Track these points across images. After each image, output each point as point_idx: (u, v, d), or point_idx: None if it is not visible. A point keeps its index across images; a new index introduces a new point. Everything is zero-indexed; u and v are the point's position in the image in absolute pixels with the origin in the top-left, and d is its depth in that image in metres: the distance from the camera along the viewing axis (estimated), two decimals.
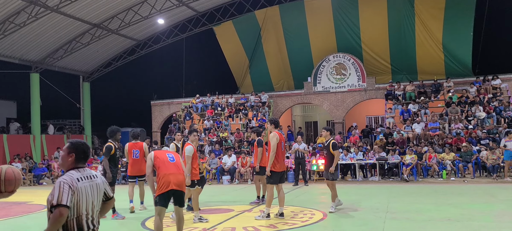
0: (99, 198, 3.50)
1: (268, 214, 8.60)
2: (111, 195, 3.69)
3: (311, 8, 24.80)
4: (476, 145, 16.80)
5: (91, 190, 3.40)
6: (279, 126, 8.98)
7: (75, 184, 3.29)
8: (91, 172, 3.52)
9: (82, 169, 3.45)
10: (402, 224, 7.96)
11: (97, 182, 3.49)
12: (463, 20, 22.34)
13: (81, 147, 3.48)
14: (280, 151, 8.60)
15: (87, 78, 29.24)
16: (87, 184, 3.39)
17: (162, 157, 6.37)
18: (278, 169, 8.57)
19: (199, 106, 25.20)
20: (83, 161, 3.48)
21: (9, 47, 22.82)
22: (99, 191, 3.49)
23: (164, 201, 6.18)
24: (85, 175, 3.42)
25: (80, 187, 3.32)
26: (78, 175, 3.37)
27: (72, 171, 3.38)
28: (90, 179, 3.43)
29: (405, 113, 20.41)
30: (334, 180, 9.55)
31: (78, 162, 3.44)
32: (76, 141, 3.53)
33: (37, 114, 25.13)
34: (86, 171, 3.46)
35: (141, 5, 23.10)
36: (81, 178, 3.36)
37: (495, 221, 7.90)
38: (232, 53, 27.55)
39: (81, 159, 3.46)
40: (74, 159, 3.42)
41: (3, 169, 3.39)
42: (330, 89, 24.18)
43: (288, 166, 17.02)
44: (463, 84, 21.36)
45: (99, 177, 3.57)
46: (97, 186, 3.48)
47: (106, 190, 3.63)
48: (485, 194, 11.53)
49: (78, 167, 3.43)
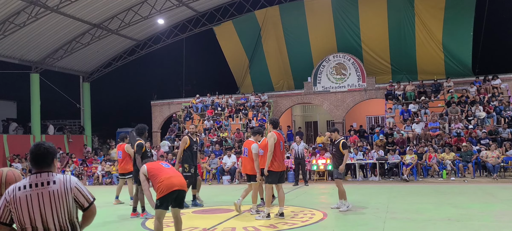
0: (58, 207, 2.99)
1: (268, 214, 8.60)
2: (85, 204, 3.15)
3: (311, 8, 24.80)
4: (476, 144, 16.81)
5: (38, 198, 2.96)
6: (278, 126, 8.96)
7: (11, 194, 2.98)
8: (53, 177, 3.07)
9: (40, 174, 3.06)
10: (402, 224, 7.95)
11: (53, 189, 3.01)
12: (463, 20, 22.33)
13: (33, 150, 3.12)
14: (278, 151, 8.59)
15: (87, 78, 29.24)
16: (33, 192, 2.97)
17: (156, 166, 6.38)
18: (277, 169, 8.57)
19: (199, 107, 25.20)
20: (41, 164, 3.09)
21: (9, 48, 22.82)
22: (56, 199, 3.00)
23: (166, 204, 6.12)
24: (36, 182, 3.00)
25: (18, 197, 2.96)
26: (24, 183, 3.02)
27: (28, 177, 3.09)
28: (41, 186, 2.99)
29: (405, 113, 20.42)
30: (338, 179, 9.60)
31: (36, 166, 3.09)
32: (31, 147, 3.18)
33: (37, 114, 25.13)
34: (45, 176, 3.05)
35: (141, 5, 23.09)
36: (25, 186, 2.99)
37: (495, 221, 7.89)
38: (232, 53, 27.55)
39: (38, 162, 3.09)
40: (32, 165, 3.10)
41: (4, 171, 3.41)
42: (330, 89, 24.18)
43: (288, 166, 17.02)
44: (463, 84, 21.36)
45: (64, 183, 3.07)
46: (52, 193, 3.00)
47: (77, 198, 3.12)
48: (485, 194, 11.52)
49: (37, 172, 3.08)
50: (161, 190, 6.04)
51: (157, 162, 6.66)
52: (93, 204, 3.21)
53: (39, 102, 25.17)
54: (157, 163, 6.55)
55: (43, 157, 3.11)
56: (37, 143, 3.19)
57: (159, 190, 6.06)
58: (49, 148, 3.16)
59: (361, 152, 17.15)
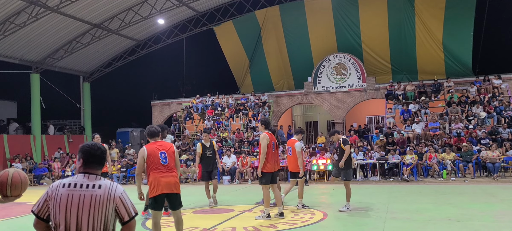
0: (95, 213, 2.85)
1: (268, 214, 8.61)
2: (125, 218, 2.95)
3: (311, 8, 24.80)
4: (476, 144, 16.80)
5: (79, 200, 2.85)
6: (269, 127, 8.92)
7: (54, 191, 2.89)
8: (99, 181, 2.96)
9: (89, 175, 2.97)
10: (402, 224, 7.95)
11: (97, 194, 2.88)
12: (463, 20, 22.33)
13: (89, 150, 3.03)
14: (271, 152, 8.57)
15: (87, 78, 29.25)
16: (76, 192, 2.86)
17: (155, 156, 5.97)
18: (269, 170, 8.54)
19: (199, 107, 25.20)
20: (93, 165, 3.00)
21: (9, 48, 22.84)
22: (96, 206, 2.86)
23: (155, 204, 5.94)
24: (82, 183, 2.91)
25: (60, 194, 2.87)
26: (70, 181, 2.93)
27: (76, 175, 3.01)
28: (85, 188, 2.88)
29: (406, 113, 20.41)
30: (347, 180, 9.56)
31: (86, 166, 2.99)
32: (84, 144, 3.10)
33: (37, 114, 25.14)
34: (93, 178, 2.96)
35: (141, 5, 23.10)
36: (70, 185, 2.90)
37: (496, 221, 7.89)
38: (232, 53, 27.55)
39: (90, 162, 2.99)
40: (82, 163, 3.01)
41: (10, 173, 3.35)
42: (330, 89, 24.18)
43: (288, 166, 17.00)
44: (463, 84, 21.36)
45: (109, 191, 2.93)
46: (94, 198, 2.87)
47: (118, 208, 2.94)
48: (486, 194, 11.52)
49: (86, 172, 2.98)
50: (151, 188, 5.90)
51: (158, 148, 6.05)
52: (133, 219, 3.01)
53: (42, 104, 25.17)
54: (157, 151, 6.01)
55: (96, 157, 3.02)
56: (92, 143, 3.11)
57: (151, 187, 5.92)
58: (102, 150, 3.08)
59: (361, 152, 17.15)
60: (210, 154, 10.32)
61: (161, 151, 6.01)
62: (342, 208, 9.43)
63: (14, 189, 3.32)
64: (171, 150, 6.12)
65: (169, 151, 6.08)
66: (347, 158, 9.57)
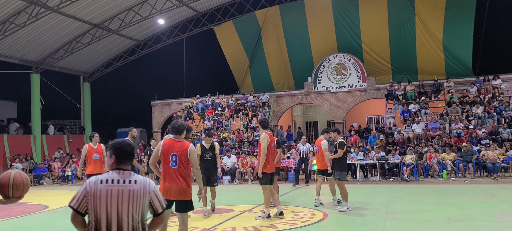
0: (134, 207, 3.03)
1: (268, 215, 8.61)
2: (159, 210, 3.20)
3: (312, 8, 24.81)
4: (476, 145, 16.80)
5: (118, 195, 3.00)
6: (268, 127, 8.88)
7: (92, 186, 3.01)
8: (133, 176, 3.11)
9: (123, 171, 3.12)
10: (402, 224, 7.96)
11: (134, 189, 3.06)
12: (463, 20, 22.33)
13: (120, 146, 3.17)
14: (270, 152, 8.56)
15: (87, 78, 29.26)
16: (114, 188, 3.02)
17: (166, 156, 5.74)
18: (269, 170, 8.54)
19: (200, 107, 25.21)
20: (125, 161, 3.15)
21: (9, 48, 22.84)
22: (134, 200, 3.04)
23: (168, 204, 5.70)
24: (118, 178, 3.06)
25: (99, 189, 3.01)
26: (107, 177, 3.07)
27: (109, 172, 3.14)
28: (122, 183, 3.05)
29: (406, 114, 20.41)
30: (340, 180, 9.61)
31: (119, 163, 3.14)
32: (115, 142, 3.23)
33: (37, 114, 25.15)
34: (127, 174, 3.10)
35: (142, 5, 23.11)
36: (108, 181, 3.04)
37: (496, 221, 7.89)
38: (233, 53, 27.56)
39: (122, 158, 3.15)
40: (115, 160, 3.15)
41: (12, 174, 3.40)
42: (331, 89, 24.18)
43: (288, 166, 17.03)
44: (463, 84, 21.36)
45: (144, 185, 3.11)
46: (132, 193, 3.04)
47: (153, 202, 3.17)
48: (486, 194, 11.52)
49: (119, 168, 3.13)
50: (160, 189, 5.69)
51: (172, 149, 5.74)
52: (165, 211, 3.27)
53: (41, 103, 25.18)
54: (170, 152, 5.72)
55: (128, 154, 3.18)
56: (122, 140, 3.25)
57: (160, 187, 5.70)
58: (132, 147, 3.24)
59: (361, 152, 17.14)
60: (209, 157, 9.34)
61: (173, 153, 5.70)
62: (342, 208, 9.43)
63: (16, 190, 3.37)
64: (185, 152, 5.74)
65: (182, 154, 5.71)
66: (342, 159, 9.66)
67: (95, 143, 10.66)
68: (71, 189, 17.28)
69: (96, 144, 10.66)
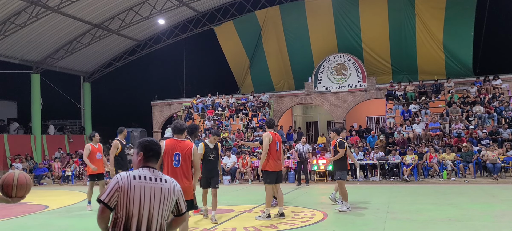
0: (164, 205, 3.09)
1: (268, 214, 8.62)
2: (183, 210, 3.27)
3: (312, 8, 24.81)
4: (476, 145, 16.80)
5: (150, 192, 3.04)
6: (273, 127, 8.92)
7: (125, 182, 3.03)
8: (163, 175, 3.19)
9: (153, 169, 3.16)
10: (402, 224, 7.96)
11: (165, 187, 3.12)
12: (463, 20, 22.33)
13: (148, 144, 3.22)
14: (274, 151, 8.55)
15: (87, 78, 29.26)
16: (147, 184, 3.06)
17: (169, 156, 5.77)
18: (273, 169, 8.54)
19: (200, 107, 25.21)
20: (153, 159, 3.21)
21: (10, 48, 22.85)
22: (165, 198, 3.10)
23: None
24: (150, 176, 3.10)
25: (133, 185, 3.02)
26: (139, 173, 3.09)
27: (139, 169, 3.16)
28: (154, 181, 3.09)
29: (406, 114, 20.41)
30: (341, 180, 9.56)
31: (147, 161, 3.19)
32: (143, 140, 3.28)
33: (37, 114, 25.16)
34: (156, 172, 3.16)
35: (142, 5, 23.11)
36: (140, 177, 3.07)
37: (496, 221, 7.89)
38: (233, 53, 27.56)
39: (150, 156, 3.19)
40: (143, 157, 3.19)
41: (16, 174, 3.46)
42: (331, 90, 24.17)
43: (289, 166, 17.02)
44: (463, 85, 21.36)
45: (173, 184, 3.19)
46: (164, 191, 3.10)
47: (179, 201, 3.24)
48: (486, 194, 11.52)
49: (148, 166, 3.17)
50: None
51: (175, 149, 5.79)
52: (187, 212, 3.36)
53: (41, 103, 25.17)
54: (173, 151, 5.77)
55: (155, 152, 3.22)
56: (150, 139, 3.30)
57: None
58: (160, 146, 3.30)
59: (361, 152, 17.13)
60: (213, 157, 8.77)
61: (176, 152, 5.77)
62: (342, 208, 9.42)
63: (19, 190, 3.44)
64: (188, 151, 5.81)
65: (185, 153, 5.78)
66: (342, 159, 9.61)
67: (95, 143, 10.76)
68: (71, 189, 17.28)
69: (96, 144, 10.79)
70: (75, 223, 9.27)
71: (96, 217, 3.06)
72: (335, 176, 9.79)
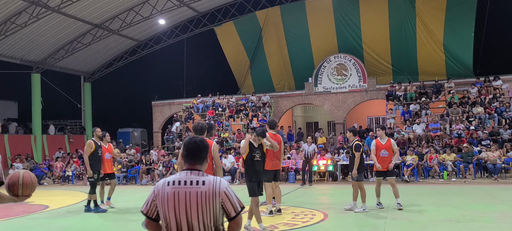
0: (203, 211, 2.80)
1: (270, 211, 8.80)
2: (231, 213, 2.88)
3: (312, 8, 24.80)
4: (477, 145, 16.78)
5: (185, 197, 2.79)
6: (275, 127, 9.15)
7: (160, 190, 2.84)
8: (202, 176, 2.87)
9: (191, 171, 2.89)
10: (403, 225, 7.95)
11: (202, 191, 2.80)
12: (464, 20, 22.32)
13: (185, 143, 2.96)
14: (272, 151, 8.76)
15: (88, 78, 29.27)
16: (181, 189, 2.81)
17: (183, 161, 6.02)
18: (270, 168, 8.79)
19: (200, 107, 25.21)
20: (189, 159, 2.93)
21: (10, 48, 22.86)
22: (203, 203, 2.79)
23: None
24: (185, 180, 2.85)
25: (166, 192, 2.82)
26: (174, 178, 2.87)
27: (179, 172, 2.95)
28: (189, 185, 2.82)
29: (406, 114, 20.40)
30: (359, 181, 9.44)
31: (185, 161, 2.94)
32: (185, 139, 3.06)
33: (38, 114, 25.16)
34: (195, 174, 2.88)
35: (142, 5, 23.11)
36: (175, 182, 2.84)
37: (496, 222, 7.89)
38: (233, 53, 27.56)
39: (186, 156, 2.94)
40: (183, 159, 2.96)
41: (21, 173, 3.50)
42: (331, 90, 24.17)
43: (289, 166, 17.02)
44: (464, 85, 21.34)
45: (213, 186, 2.84)
46: (200, 195, 2.79)
47: (224, 204, 2.85)
48: (486, 195, 11.51)
49: (188, 168, 2.92)
50: None
51: None
52: (240, 215, 2.92)
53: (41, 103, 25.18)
54: None
55: (196, 152, 2.93)
56: (191, 137, 3.03)
57: None
58: (202, 143, 2.99)
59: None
60: (259, 157, 8.31)
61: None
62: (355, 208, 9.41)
63: (25, 188, 3.47)
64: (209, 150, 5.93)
65: None
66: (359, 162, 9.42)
67: (105, 143, 10.80)
68: (72, 189, 17.29)
69: (107, 144, 10.83)
70: (75, 223, 9.26)
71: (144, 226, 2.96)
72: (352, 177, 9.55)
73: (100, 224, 9.09)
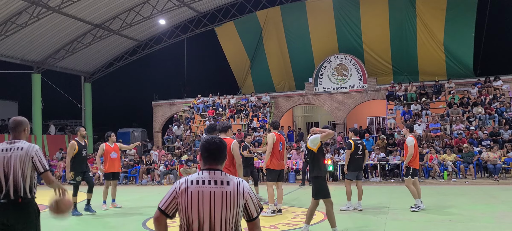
0: (228, 211, 2.82)
1: (273, 210, 8.87)
2: (253, 215, 2.91)
3: (312, 8, 24.80)
4: (477, 146, 16.78)
5: (210, 197, 2.80)
6: (278, 128, 9.29)
7: (183, 187, 2.83)
8: (226, 177, 2.89)
9: (214, 171, 2.89)
10: (403, 225, 7.95)
11: (227, 191, 2.82)
12: (464, 21, 22.31)
13: (203, 144, 2.96)
14: (277, 151, 8.97)
15: (88, 78, 29.27)
16: (206, 189, 2.81)
17: None
18: (276, 167, 8.94)
19: (200, 107, 25.20)
20: (210, 160, 2.92)
21: (11, 48, 22.87)
22: (228, 202, 2.81)
23: None
24: (210, 179, 2.85)
25: (190, 191, 2.81)
26: (197, 177, 2.86)
27: (199, 172, 2.94)
28: (214, 185, 2.83)
29: (406, 114, 20.39)
30: (348, 179, 9.78)
31: (205, 162, 2.93)
32: (202, 139, 3.03)
33: (38, 114, 25.17)
34: (218, 174, 2.88)
35: (143, 5, 23.12)
36: (198, 182, 2.83)
37: (497, 222, 7.88)
38: (233, 53, 27.56)
39: (206, 157, 2.93)
40: (202, 159, 2.97)
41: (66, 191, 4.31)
42: (331, 90, 24.16)
43: (289, 166, 17.01)
44: (464, 85, 21.34)
45: (238, 187, 2.86)
46: (225, 195, 2.82)
47: (248, 205, 2.89)
48: (487, 195, 11.51)
49: (209, 168, 2.91)
50: None
51: None
52: (258, 217, 2.96)
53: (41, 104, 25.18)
54: None
55: (218, 152, 2.93)
56: (210, 137, 3.00)
57: None
58: (222, 143, 2.98)
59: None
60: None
61: None
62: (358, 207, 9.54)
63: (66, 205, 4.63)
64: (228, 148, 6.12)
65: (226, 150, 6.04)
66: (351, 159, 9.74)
67: (111, 142, 11.01)
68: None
69: (113, 143, 11.04)
70: (75, 223, 9.26)
71: (152, 220, 2.92)
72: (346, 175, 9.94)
73: (100, 224, 9.09)
